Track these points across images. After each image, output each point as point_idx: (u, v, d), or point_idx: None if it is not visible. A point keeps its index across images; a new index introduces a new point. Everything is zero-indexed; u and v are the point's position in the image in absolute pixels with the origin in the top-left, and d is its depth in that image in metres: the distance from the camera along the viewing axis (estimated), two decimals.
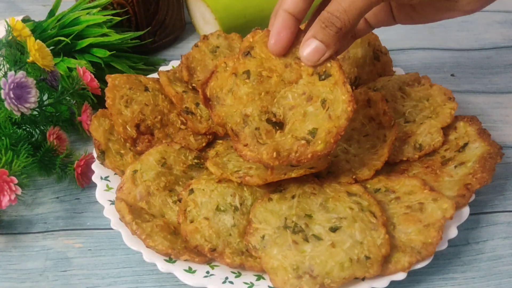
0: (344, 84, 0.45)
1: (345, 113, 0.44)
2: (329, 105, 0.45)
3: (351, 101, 0.44)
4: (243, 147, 0.45)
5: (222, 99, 0.48)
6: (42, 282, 0.53)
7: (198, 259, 0.49)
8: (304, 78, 0.47)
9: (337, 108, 0.45)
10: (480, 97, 0.75)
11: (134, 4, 0.76)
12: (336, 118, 0.45)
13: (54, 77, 0.62)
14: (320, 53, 0.45)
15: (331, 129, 0.45)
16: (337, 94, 0.45)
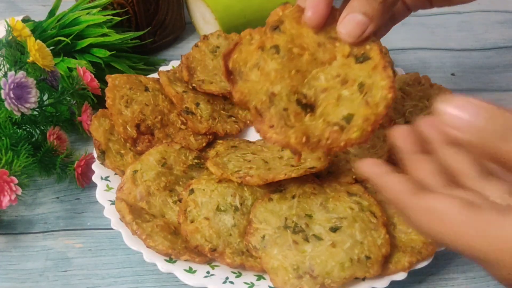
0: (385, 69, 0.40)
1: (384, 100, 0.40)
2: (367, 90, 0.41)
3: (392, 87, 0.40)
4: (268, 129, 0.40)
5: (245, 74, 0.43)
6: (42, 282, 0.53)
7: (198, 259, 0.49)
8: (339, 60, 0.42)
9: (376, 94, 0.40)
10: (481, 95, 0.75)
11: (134, 4, 0.76)
12: (374, 105, 0.40)
13: (54, 77, 0.62)
14: (363, 26, 0.39)
15: (369, 116, 0.40)
16: (376, 79, 0.41)
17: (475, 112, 0.30)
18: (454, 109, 0.30)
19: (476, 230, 0.30)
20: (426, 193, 0.32)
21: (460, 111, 0.30)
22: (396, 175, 0.35)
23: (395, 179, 0.34)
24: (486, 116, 0.30)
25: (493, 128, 0.30)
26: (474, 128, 0.30)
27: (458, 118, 0.30)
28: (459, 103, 0.30)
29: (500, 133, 0.30)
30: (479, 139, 0.30)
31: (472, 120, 0.30)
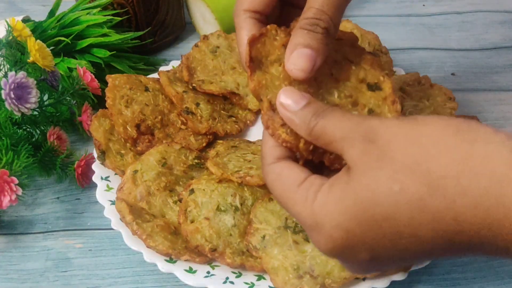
0: (394, 103, 0.42)
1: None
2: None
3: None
4: (279, 127, 0.39)
5: (266, 66, 0.42)
6: (42, 283, 0.53)
7: (198, 259, 0.49)
8: (352, 82, 0.43)
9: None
10: (481, 95, 0.75)
11: (134, 4, 0.76)
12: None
13: (54, 77, 0.62)
14: (312, 60, 0.38)
15: None
16: (384, 110, 0.42)
17: (299, 96, 0.37)
18: (284, 92, 0.37)
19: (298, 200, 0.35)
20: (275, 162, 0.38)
21: (290, 93, 0.37)
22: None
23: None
24: (306, 100, 0.36)
25: (310, 108, 0.36)
26: (296, 106, 0.36)
27: (286, 98, 0.37)
28: (289, 89, 0.38)
29: (313, 112, 0.36)
30: (299, 118, 0.36)
31: (296, 100, 0.36)
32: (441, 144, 0.30)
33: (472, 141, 0.30)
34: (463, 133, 0.30)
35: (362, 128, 0.33)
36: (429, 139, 0.31)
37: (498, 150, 0.29)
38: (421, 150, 0.30)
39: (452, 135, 0.30)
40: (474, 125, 0.31)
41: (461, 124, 0.31)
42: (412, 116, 0.33)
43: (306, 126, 0.36)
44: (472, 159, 0.29)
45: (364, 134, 0.33)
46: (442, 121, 0.32)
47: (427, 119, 0.32)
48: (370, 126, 0.33)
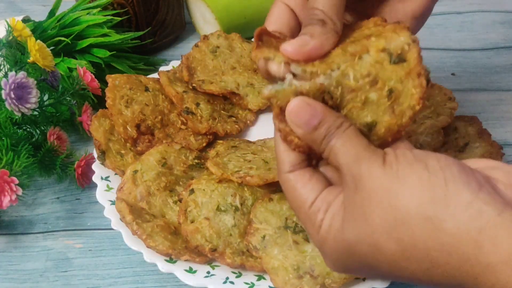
0: (419, 76, 0.38)
1: (411, 110, 0.37)
2: (395, 97, 0.37)
3: (422, 98, 0.37)
4: (291, 131, 0.38)
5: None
6: (42, 283, 0.53)
7: (198, 259, 0.49)
8: (372, 55, 0.37)
9: (404, 102, 0.37)
10: (481, 95, 0.75)
11: (134, 4, 0.76)
12: (400, 114, 0.37)
13: (54, 77, 0.62)
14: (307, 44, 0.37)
15: (392, 126, 0.37)
16: (407, 85, 0.37)
17: (311, 114, 0.36)
18: (295, 107, 0.36)
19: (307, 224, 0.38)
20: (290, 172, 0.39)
21: (300, 110, 0.36)
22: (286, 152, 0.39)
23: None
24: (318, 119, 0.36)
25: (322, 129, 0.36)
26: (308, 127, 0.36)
27: (297, 117, 0.36)
28: (300, 103, 0.36)
29: (324, 134, 0.36)
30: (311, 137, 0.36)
31: (307, 120, 0.36)
32: (414, 214, 0.32)
33: (443, 218, 0.31)
34: (437, 205, 0.31)
35: (354, 170, 0.35)
36: (404, 206, 0.32)
37: (464, 229, 0.30)
38: (396, 215, 0.32)
39: (426, 206, 0.32)
40: (453, 190, 0.31)
41: (438, 191, 0.32)
42: (396, 164, 0.34)
43: (317, 146, 0.37)
44: (441, 235, 0.31)
45: (354, 177, 0.35)
46: (421, 184, 0.32)
47: (409, 176, 0.33)
48: (358, 172, 0.34)
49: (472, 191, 0.31)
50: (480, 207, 0.30)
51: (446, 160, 0.34)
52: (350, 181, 0.35)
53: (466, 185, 0.31)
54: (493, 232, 0.30)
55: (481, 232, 0.30)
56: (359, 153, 0.35)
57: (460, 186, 0.31)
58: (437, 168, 0.33)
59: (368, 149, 0.35)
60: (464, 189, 0.31)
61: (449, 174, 0.32)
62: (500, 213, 0.30)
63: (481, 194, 0.31)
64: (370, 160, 0.34)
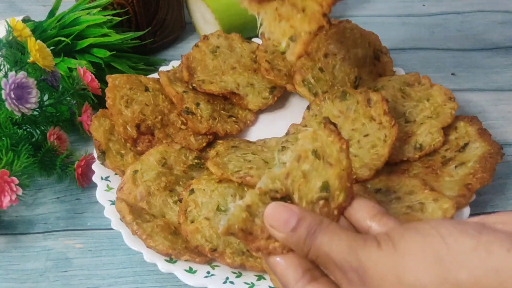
0: (326, 126, 0.41)
1: (342, 152, 0.40)
2: (322, 154, 0.40)
3: (340, 138, 0.40)
4: (266, 243, 0.38)
5: None
6: (42, 283, 0.53)
7: (198, 259, 0.49)
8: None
9: (332, 152, 0.40)
10: (481, 95, 0.75)
11: (134, 4, 0.76)
12: (337, 162, 0.40)
13: (54, 77, 0.62)
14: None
15: (340, 174, 0.40)
16: (322, 139, 0.40)
17: (289, 214, 0.35)
18: (272, 210, 0.36)
19: None
20: None
21: (278, 212, 0.36)
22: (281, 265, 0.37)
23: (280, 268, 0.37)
24: (296, 218, 0.35)
25: (303, 228, 0.35)
26: (287, 228, 0.35)
27: (275, 219, 0.35)
28: (276, 206, 0.36)
29: (306, 233, 0.35)
30: (293, 239, 0.35)
31: (286, 220, 0.35)
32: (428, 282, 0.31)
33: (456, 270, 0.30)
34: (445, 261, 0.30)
35: (352, 263, 0.33)
36: (416, 278, 0.31)
37: (482, 275, 0.29)
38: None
39: (436, 267, 0.31)
40: (452, 243, 0.31)
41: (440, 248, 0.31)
42: (390, 239, 0.33)
43: (301, 248, 0.35)
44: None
45: (354, 272, 0.33)
46: (420, 247, 0.32)
47: (406, 246, 0.32)
48: (358, 261, 0.33)
49: (472, 237, 0.31)
50: (486, 248, 0.30)
51: (436, 220, 0.33)
52: (355, 277, 0.33)
53: (464, 234, 0.31)
54: (510, 271, 0.29)
55: (498, 272, 0.29)
56: (351, 244, 0.34)
57: (458, 236, 0.31)
58: (428, 229, 0.32)
59: (358, 238, 0.34)
60: (463, 237, 0.31)
61: (443, 230, 0.32)
62: (510, 249, 0.29)
63: (483, 237, 0.30)
64: (365, 247, 0.33)
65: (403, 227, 0.34)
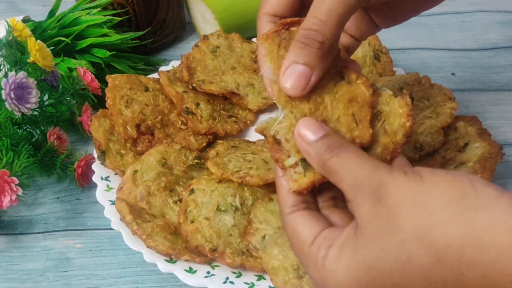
0: (403, 96, 0.40)
1: (402, 128, 0.39)
2: (384, 118, 0.40)
3: (409, 115, 0.39)
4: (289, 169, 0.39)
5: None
6: (42, 283, 0.53)
7: (198, 259, 0.49)
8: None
9: (394, 122, 0.39)
10: (481, 95, 0.75)
11: (134, 4, 0.76)
12: (392, 133, 0.39)
13: (54, 77, 0.62)
14: (307, 78, 0.38)
15: (387, 144, 0.39)
16: (393, 106, 0.40)
17: (318, 127, 0.37)
18: (304, 122, 0.37)
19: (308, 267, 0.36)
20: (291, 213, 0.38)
21: (309, 124, 0.37)
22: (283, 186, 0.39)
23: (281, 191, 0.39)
24: (324, 132, 0.36)
25: (325, 141, 0.36)
26: (313, 137, 0.36)
27: (304, 128, 0.37)
28: (309, 120, 0.37)
29: (327, 146, 0.36)
30: (314, 149, 0.36)
31: (314, 130, 0.36)
32: (447, 211, 0.31)
33: (476, 208, 0.30)
34: (468, 199, 0.31)
35: (373, 182, 0.33)
36: (435, 205, 0.31)
37: (501, 219, 0.30)
38: (427, 217, 0.31)
39: (458, 201, 0.31)
40: (480, 187, 0.32)
41: (466, 188, 0.32)
42: (418, 172, 0.33)
43: (319, 158, 0.36)
44: (476, 228, 0.30)
45: (374, 189, 0.33)
46: (448, 183, 0.32)
47: (434, 178, 0.32)
48: (380, 181, 0.33)
49: (496, 189, 0.31)
50: (509, 199, 0.30)
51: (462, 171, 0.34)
52: (371, 193, 0.33)
53: (490, 185, 0.32)
54: None
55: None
56: (378, 165, 0.34)
57: (485, 185, 0.32)
58: (460, 174, 0.33)
59: (385, 164, 0.35)
60: (489, 187, 0.31)
61: (471, 177, 0.32)
62: None
63: (507, 193, 0.31)
64: (391, 173, 0.33)
65: (433, 169, 0.34)
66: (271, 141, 0.39)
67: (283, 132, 0.39)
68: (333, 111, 0.39)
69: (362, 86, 0.39)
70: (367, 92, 0.39)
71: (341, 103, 0.39)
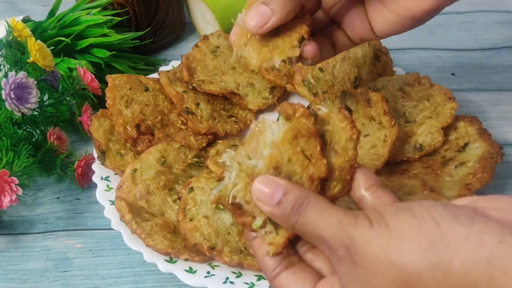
0: (339, 110, 0.39)
1: (350, 141, 0.38)
2: (330, 139, 0.38)
3: (353, 126, 0.38)
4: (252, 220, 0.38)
5: None
6: (42, 283, 0.53)
7: (198, 258, 0.49)
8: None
9: (340, 139, 0.38)
10: (481, 95, 0.75)
11: (134, 4, 0.76)
12: (343, 151, 0.38)
13: (54, 77, 0.62)
14: (266, 18, 0.42)
15: (342, 164, 0.38)
16: (334, 122, 0.38)
17: (274, 187, 0.35)
18: (258, 184, 0.35)
19: None
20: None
21: (263, 186, 0.35)
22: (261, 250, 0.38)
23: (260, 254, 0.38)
24: (282, 191, 0.35)
25: (288, 201, 0.34)
26: (273, 201, 0.35)
27: (261, 192, 0.35)
28: (263, 180, 0.35)
29: (292, 206, 0.34)
30: (278, 212, 0.35)
31: (271, 193, 0.35)
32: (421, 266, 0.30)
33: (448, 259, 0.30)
34: (437, 249, 0.30)
35: (342, 240, 0.33)
36: (408, 262, 0.31)
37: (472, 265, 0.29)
38: (404, 276, 0.31)
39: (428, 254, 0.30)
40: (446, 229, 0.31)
41: (433, 234, 0.31)
42: (383, 218, 0.33)
43: (287, 221, 0.35)
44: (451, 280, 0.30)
45: (345, 249, 0.33)
46: (414, 231, 0.31)
47: (400, 227, 0.32)
48: (348, 239, 0.33)
49: (464, 225, 0.30)
50: (479, 238, 0.30)
51: (429, 203, 0.33)
52: (344, 254, 0.33)
53: (456, 221, 0.31)
54: (500, 263, 0.29)
55: (489, 263, 0.29)
56: (342, 220, 0.33)
57: (452, 223, 0.31)
58: (423, 213, 0.32)
59: (348, 214, 0.34)
60: (456, 225, 0.31)
61: (436, 215, 0.31)
62: (501, 241, 0.29)
63: (475, 226, 0.30)
64: (357, 224, 0.33)
65: (396, 207, 0.33)
66: (230, 208, 0.37)
67: (240, 194, 0.37)
68: (281, 155, 0.36)
69: (302, 118, 0.37)
70: (308, 123, 0.37)
71: (286, 143, 0.36)
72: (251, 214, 0.37)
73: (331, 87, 0.65)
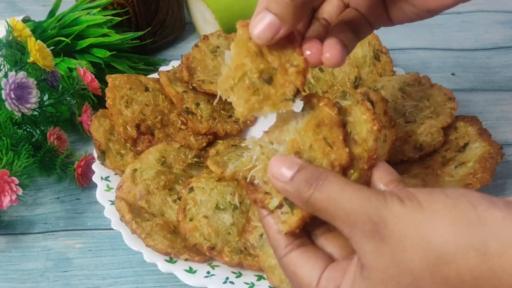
0: (362, 103, 0.40)
1: (371, 133, 0.39)
2: (351, 129, 0.39)
3: (374, 119, 0.39)
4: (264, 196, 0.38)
5: None
6: (42, 283, 0.53)
7: (197, 258, 0.49)
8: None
9: (361, 130, 0.39)
10: (481, 95, 0.75)
11: (134, 4, 0.76)
12: (363, 141, 0.39)
13: (54, 77, 0.62)
14: (274, 29, 0.36)
15: (361, 154, 0.38)
16: (356, 115, 0.40)
17: (289, 164, 0.35)
18: (274, 161, 0.35)
19: None
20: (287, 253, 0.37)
21: (279, 162, 0.35)
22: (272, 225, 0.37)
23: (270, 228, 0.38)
24: (297, 167, 0.34)
25: (301, 177, 0.34)
26: (286, 176, 0.34)
27: (276, 167, 0.35)
28: (279, 157, 0.35)
29: (305, 181, 0.34)
30: (291, 187, 0.34)
31: (285, 169, 0.34)
32: (455, 244, 0.30)
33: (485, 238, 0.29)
34: (474, 228, 0.30)
35: (369, 217, 0.32)
36: (442, 239, 0.30)
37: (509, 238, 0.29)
38: (436, 253, 0.30)
39: (464, 232, 0.30)
40: (483, 211, 0.30)
41: (470, 214, 0.30)
42: (415, 197, 0.32)
43: (300, 195, 0.34)
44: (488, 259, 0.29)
45: (372, 225, 0.31)
46: (449, 211, 0.30)
47: (434, 206, 0.31)
48: (378, 216, 0.31)
49: (501, 209, 0.30)
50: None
51: (464, 189, 0.32)
52: (370, 230, 0.31)
53: (493, 205, 0.30)
54: None
55: None
56: (370, 196, 0.32)
57: (488, 207, 0.30)
58: (458, 195, 0.31)
59: (376, 191, 0.33)
60: (493, 208, 0.30)
61: (473, 198, 0.31)
62: None
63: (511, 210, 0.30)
64: (386, 201, 0.32)
65: (428, 189, 0.32)
66: (244, 183, 0.38)
67: (259, 175, 0.38)
68: (303, 141, 0.37)
69: (326, 108, 0.38)
70: (332, 112, 0.38)
71: (309, 130, 0.37)
72: (263, 191, 0.37)
73: (331, 87, 0.65)
